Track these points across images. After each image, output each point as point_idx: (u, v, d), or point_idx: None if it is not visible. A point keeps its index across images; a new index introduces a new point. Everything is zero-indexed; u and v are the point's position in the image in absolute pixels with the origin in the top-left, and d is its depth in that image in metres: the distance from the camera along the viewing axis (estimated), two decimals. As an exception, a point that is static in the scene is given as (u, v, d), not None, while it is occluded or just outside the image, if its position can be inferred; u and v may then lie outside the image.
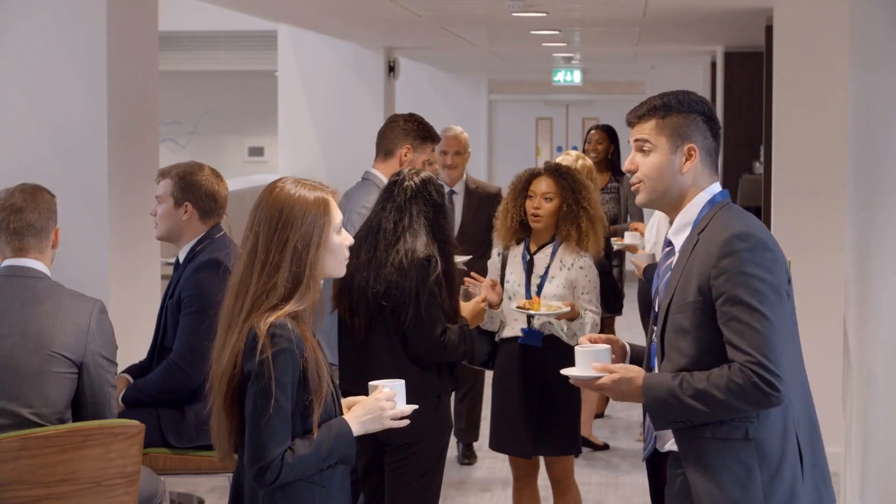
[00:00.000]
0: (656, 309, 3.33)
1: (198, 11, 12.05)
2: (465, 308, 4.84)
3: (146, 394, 4.81)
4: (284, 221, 3.17)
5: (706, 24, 10.11)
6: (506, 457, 7.65)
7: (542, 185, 5.25)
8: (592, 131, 8.75)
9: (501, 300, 5.26)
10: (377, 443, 4.67)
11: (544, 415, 5.21)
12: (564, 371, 3.34)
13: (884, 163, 5.43)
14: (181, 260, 4.92)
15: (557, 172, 5.29)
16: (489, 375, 5.53)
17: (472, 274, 5.31)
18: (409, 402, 3.38)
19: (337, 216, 3.25)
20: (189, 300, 4.78)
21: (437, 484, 4.75)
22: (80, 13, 5.64)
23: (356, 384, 4.68)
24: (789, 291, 3.16)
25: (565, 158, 7.24)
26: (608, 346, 3.37)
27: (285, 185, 3.23)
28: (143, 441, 4.17)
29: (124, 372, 4.95)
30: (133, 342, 5.51)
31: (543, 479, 5.69)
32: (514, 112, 17.93)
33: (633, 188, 3.36)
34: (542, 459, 5.51)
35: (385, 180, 5.28)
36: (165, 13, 7.52)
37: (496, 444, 5.34)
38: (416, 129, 5.70)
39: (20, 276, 4.23)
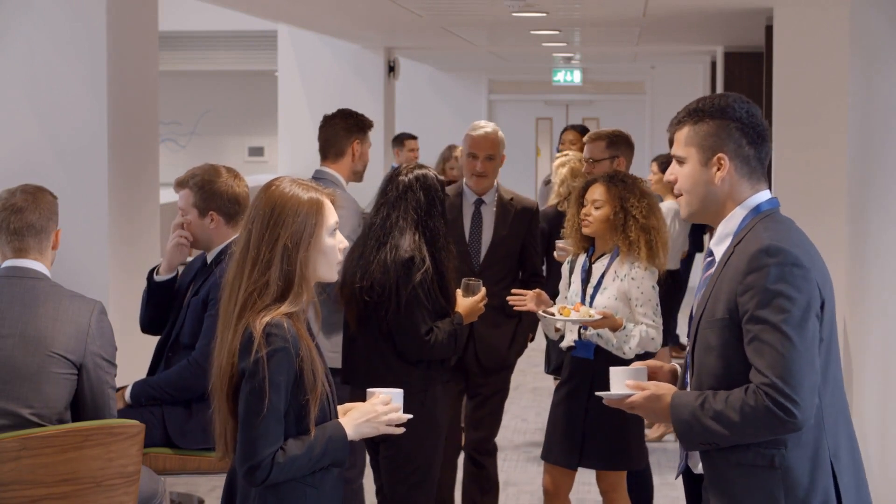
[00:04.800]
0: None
1: (198, 11, 12.06)
2: (463, 304, 4.80)
3: (158, 389, 4.79)
4: (276, 219, 3.15)
5: (706, 24, 10.12)
6: (505, 456, 7.69)
7: (595, 193, 5.14)
8: (566, 131, 8.57)
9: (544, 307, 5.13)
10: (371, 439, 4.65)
11: (591, 426, 5.07)
12: (599, 392, 3.25)
13: (882, 163, 5.43)
14: (209, 261, 4.89)
15: (611, 180, 5.17)
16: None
17: (514, 291, 5.17)
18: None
19: (330, 218, 3.22)
20: (216, 302, 4.75)
21: (430, 480, 4.72)
22: (81, 13, 5.64)
23: (355, 376, 4.78)
24: (818, 312, 2.97)
25: (563, 158, 7.21)
26: (644, 366, 3.23)
27: (282, 183, 3.22)
28: (143, 441, 4.17)
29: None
30: (132, 343, 5.51)
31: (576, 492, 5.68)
32: (514, 112, 17.92)
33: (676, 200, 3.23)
34: (576, 476, 5.32)
35: (342, 179, 5.50)
36: (165, 13, 7.52)
37: (544, 454, 5.21)
38: (357, 123, 5.73)
39: (20, 276, 4.23)
